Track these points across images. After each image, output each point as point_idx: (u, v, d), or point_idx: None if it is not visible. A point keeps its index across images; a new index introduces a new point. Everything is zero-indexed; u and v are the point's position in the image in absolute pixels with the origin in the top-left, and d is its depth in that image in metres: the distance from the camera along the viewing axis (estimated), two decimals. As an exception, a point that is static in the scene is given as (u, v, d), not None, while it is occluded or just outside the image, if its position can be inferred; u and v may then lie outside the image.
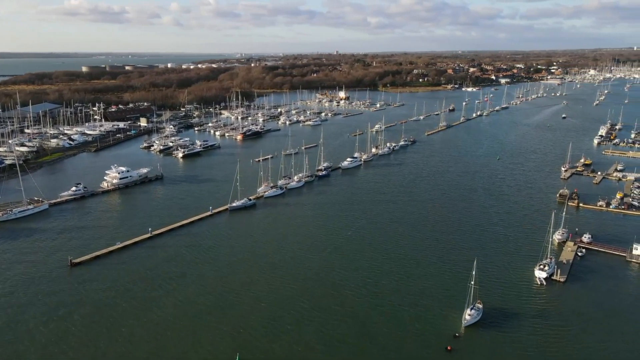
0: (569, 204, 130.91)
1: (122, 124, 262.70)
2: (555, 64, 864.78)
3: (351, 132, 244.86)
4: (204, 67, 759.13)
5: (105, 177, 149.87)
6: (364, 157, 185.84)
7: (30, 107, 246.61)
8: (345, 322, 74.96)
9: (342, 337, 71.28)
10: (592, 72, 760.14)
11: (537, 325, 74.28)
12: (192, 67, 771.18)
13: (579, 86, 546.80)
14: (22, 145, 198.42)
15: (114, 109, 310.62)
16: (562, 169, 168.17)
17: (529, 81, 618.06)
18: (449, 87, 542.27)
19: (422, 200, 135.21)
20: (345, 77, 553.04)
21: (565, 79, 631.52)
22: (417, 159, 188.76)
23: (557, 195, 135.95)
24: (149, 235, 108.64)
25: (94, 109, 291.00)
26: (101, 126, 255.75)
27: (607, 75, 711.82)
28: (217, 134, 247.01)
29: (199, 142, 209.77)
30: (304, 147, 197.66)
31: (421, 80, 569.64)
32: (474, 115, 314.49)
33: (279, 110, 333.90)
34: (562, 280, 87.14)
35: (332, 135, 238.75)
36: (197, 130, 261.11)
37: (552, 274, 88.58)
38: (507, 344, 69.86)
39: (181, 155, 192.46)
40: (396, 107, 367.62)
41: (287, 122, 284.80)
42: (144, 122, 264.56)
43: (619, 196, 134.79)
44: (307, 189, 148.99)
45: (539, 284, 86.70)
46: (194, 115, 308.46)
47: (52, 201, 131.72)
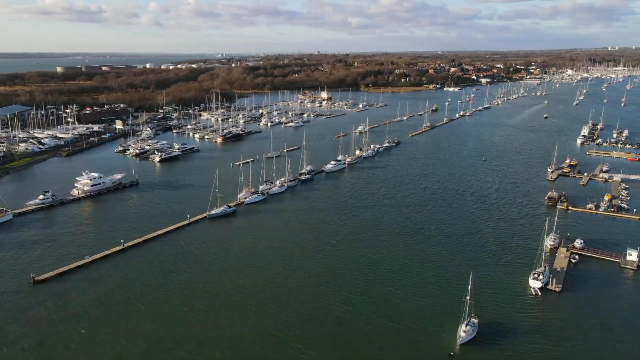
0: (558, 207, 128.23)
1: (96, 127, 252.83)
2: (533, 64, 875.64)
3: (334, 133, 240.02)
4: (184, 67, 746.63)
5: (75, 184, 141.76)
6: (348, 159, 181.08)
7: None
8: (328, 343, 69.70)
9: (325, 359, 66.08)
10: (569, 71, 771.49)
11: (535, 341, 70.14)
12: (171, 67, 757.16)
13: (557, 86, 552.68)
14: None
15: (88, 111, 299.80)
16: (548, 170, 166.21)
17: (509, 81, 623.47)
18: (431, 87, 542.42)
19: (409, 205, 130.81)
20: (327, 77, 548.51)
21: (544, 79, 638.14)
22: (402, 161, 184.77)
23: (546, 198, 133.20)
24: (121, 247, 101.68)
25: (67, 111, 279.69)
26: (74, 129, 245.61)
27: (584, 75, 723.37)
28: (197, 136, 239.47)
29: (177, 146, 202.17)
30: (286, 150, 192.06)
31: (403, 80, 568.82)
32: (457, 115, 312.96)
33: (260, 111, 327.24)
34: (557, 290, 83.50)
35: (314, 137, 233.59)
36: (176, 132, 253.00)
37: (547, 283, 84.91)
38: (505, 363, 65.60)
39: (158, 159, 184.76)
40: (379, 107, 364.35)
41: (269, 124, 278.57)
42: (119, 125, 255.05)
43: (607, 198, 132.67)
44: (289, 195, 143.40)
45: (534, 294, 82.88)
46: (173, 117, 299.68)
47: (17, 211, 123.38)
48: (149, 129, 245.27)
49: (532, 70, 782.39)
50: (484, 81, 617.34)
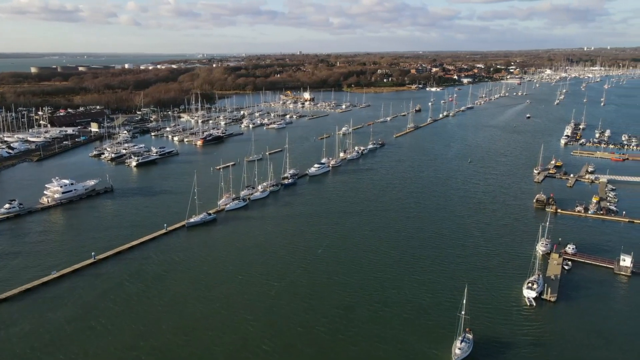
0: (547, 210, 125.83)
1: (70, 130, 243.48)
2: (513, 64, 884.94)
3: (318, 135, 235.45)
4: (164, 67, 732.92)
5: (45, 192, 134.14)
6: (332, 162, 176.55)
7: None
8: (319, 363, 64.98)
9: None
10: (548, 71, 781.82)
11: (532, 355, 66.57)
12: (150, 67, 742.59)
13: (537, 85, 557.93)
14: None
15: (62, 113, 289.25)
16: (535, 172, 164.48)
17: (490, 81, 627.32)
18: (413, 87, 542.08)
19: (396, 210, 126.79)
20: (309, 77, 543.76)
21: (524, 79, 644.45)
22: (387, 164, 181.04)
23: (534, 200, 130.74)
24: (92, 260, 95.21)
25: (40, 113, 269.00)
26: (46, 132, 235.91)
27: (563, 74, 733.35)
28: (176, 139, 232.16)
29: (154, 149, 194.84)
30: (268, 153, 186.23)
31: (385, 80, 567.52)
32: (441, 116, 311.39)
33: (242, 112, 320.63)
34: (552, 299, 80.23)
35: (297, 139, 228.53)
36: (154, 135, 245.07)
37: (541, 293, 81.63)
38: (503, 382, 61.76)
39: (135, 163, 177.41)
40: (362, 108, 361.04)
41: (251, 126, 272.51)
42: (95, 127, 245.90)
43: (595, 200, 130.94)
44: (272, 200, 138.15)
45: (529, 304, 79.42)
46: (151, 119, 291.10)
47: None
48: (125, 132, 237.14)
49: (512, 70, 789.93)
50: (465, 81, 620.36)
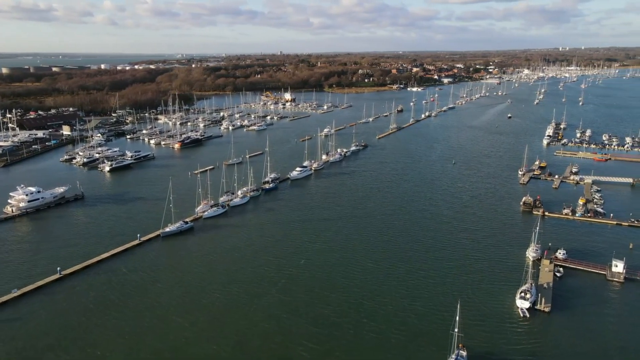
0: (534, 212, 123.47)
1: (40, 133, 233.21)
2: (491, 63, 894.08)
3: (299, 137, 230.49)
4: (141, 68, 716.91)
5: (9, 200, 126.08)
6: (314, 165, 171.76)
7: None
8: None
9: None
10: (526, 71, 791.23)
11: (529, 373, 63.04)
12: (128, 68, 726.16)
13: (517, 85, 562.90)
14: None
15: (32, 116, 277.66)
16: (519, 173, 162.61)
17: (470, 81, 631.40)
18: (395, 87, 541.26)
19: (381, 215, 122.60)
20: (290, 78, 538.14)
21: (503, 78, 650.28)
22: (371, 166, 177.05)
23: (521, 203, 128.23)
24: (57, 276, 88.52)
25: (9, 115, 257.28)
26: (15, 136, 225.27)
27: (541, 74, 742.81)
28: (152, 142, 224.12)
29: (129, 153, 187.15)
30: (248, 156, 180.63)
31: (367, 80, 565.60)
32: (423, 116, 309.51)
33: (221, 114, 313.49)
34: (546, 309, 76.96)
35: (278, 141, 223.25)
36: (130, 138, 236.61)
37: (534, 302, 78.32)
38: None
39: (108, 168, 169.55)
40: (344, 108, 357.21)
41: (230, 128, 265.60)
42: (67, 131, 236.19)
43: (581, 202, 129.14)
44: (252, 206, 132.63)
45: (522, 315, 75.98)
46: (127, 121, 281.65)
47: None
48: (99, 135, 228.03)
49: (491, 70, 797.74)
50: (446, 81, 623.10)
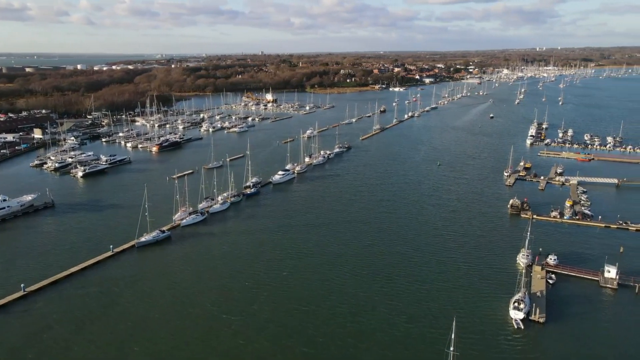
0: (522, 216, 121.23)
1: (10, 137, 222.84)
2: (471, 63, 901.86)
3: (281, 139, 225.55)
4: (119, 68, 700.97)
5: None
6: (297, 168, 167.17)
7: None
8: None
9: None
10: (505, 71, 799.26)
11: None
12: (105, 68, 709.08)
13: (497, 85, 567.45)
14: None
15: (2, 118, 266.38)
16: (505, 174, 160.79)
17: (451, 80, 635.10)
18: (377, 87, 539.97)
19: (366, 221, 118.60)
20: (271, 78, 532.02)
21: (483, 78, 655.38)
22: (355, 169, 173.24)
23: (509, 206, 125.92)
24: (21, 293, 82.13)
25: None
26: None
27: (520, 74, 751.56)
28: (129, 145, 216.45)
29: (104, 157, 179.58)
30: (228, 159, 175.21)
31: (349, 80, 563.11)
32: (406, 116, 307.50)
33: (202, 115, 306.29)
34: (541, 320, 73.91)
35: (260, 143, 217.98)
36: (105, 141, 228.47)
37: (528, 312, 75.25)
38: None
39: (81, 174, 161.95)
40: (326, 109, 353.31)
41: (211, 129, 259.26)
42: (38, 134, 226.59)
43: (568, 204, 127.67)
44: (233, 212, 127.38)
45: (516, 327, 72.79)
46: (102, 123, 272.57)
47: None
48: (73, 138, 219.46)
49: (471, 70, 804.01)
50: (427, 81, 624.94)
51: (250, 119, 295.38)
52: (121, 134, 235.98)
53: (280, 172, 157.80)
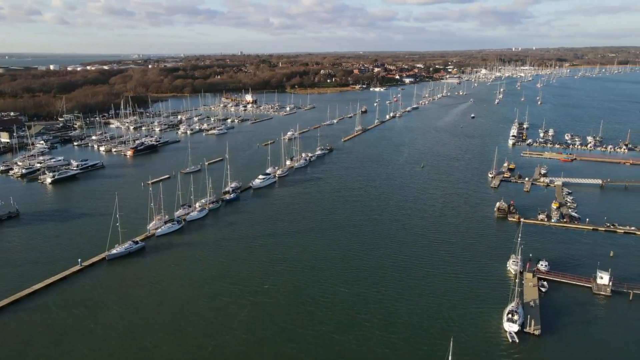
0: (509, 219, 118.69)
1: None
2: (450, 63, 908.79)
3: (261, 141, 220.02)
4: (93, 69, 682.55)
5: None
6: (278, 172, 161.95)
7: None
8: None
9: None
10: (483, 71, 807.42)
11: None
12: (79, 69, 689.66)
13: (476, 85, 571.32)
14: None
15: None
16: (489, 176, 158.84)
17: (431, 80, 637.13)
18: (357, 87, 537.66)
19: (351, 228, 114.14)
20: (251, 78, 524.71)
21: (462, 78, 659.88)
22: (338, 172, 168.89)
23: (495, 209, 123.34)
24: (-22, 315, 75.21)
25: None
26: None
27: (497, 74, 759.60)
28: (102, 149, 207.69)
29: (75, 162, 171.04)
30: (207, 163, 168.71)
31: (329, 80, 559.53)
32: (388, 117, 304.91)
33: (179, 117, 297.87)
34: (536, 332, 70.61)
35: (240, 145, 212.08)
36: (77, 145, 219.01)
37: (523, 324, 71.91)
38: None
39: (50, 180, 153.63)
40: (307, 110, 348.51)
41: (188, 132, 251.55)
42: (5, 137, 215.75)
43: (554, 206, 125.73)
44: (211, 220, 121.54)
45: (511, 341, 69.31)
46: (75, 126, 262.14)
47: None
48: (42, 142, 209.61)
49: (450, 70, 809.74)
50: (407, 81, 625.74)
51: (229, 121, 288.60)
52: (94, 137, 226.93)
53: (260, 176, 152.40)
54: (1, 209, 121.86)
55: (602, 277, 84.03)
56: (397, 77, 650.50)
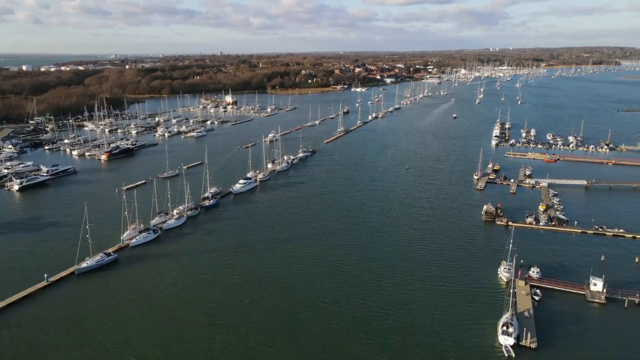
0: (497, 223, 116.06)
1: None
2: (430, 63, 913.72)
3: (242, 143, 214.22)
4: (68, 69, 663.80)
5: None
6: (260, 176, 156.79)
7: None
8: None
9: None
10: (463, 71, 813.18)
11: None
12: (53, 69, 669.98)
13: (456, 85, 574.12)
14: None
15: None
16: (475, 178, 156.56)
17: (412, 80, 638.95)
18: (338, 87, 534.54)
19: (335, 236, 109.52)
20: (231, 79, 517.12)
21: (442, 78, 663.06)
22: (320, 175, 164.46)
23: (483, 213, 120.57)
24: None
25: None
26: None
27: (477, 74, 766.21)
28: (75, 153, 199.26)
29: (45, 168, 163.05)
30: (185, 167, 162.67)
31: (310, 81, 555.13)
32: (370, 117, 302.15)
33: (157, 119, 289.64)
34: (533, 346, 67.36)
35: (219, 148, 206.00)
36: (49, 149, 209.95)
37: (518, 337, 68.61)
38: None
39: (17, 187, 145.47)
40: (288, 111, 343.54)
41: (166, 134, 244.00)
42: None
43: (542, 209, 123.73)
44: (190, 228, 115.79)
45: (507, 355, 65.92)
46: (47, 129, 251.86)
47: None
48: (11, 146, 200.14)
49: (430, 70, 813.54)
50: (388, 81, 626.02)
51: (208, 123, 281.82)
52: (66, 141, 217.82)
53: (241, 181, 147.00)
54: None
55: (595, 284, 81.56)
56: (378, 77, 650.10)
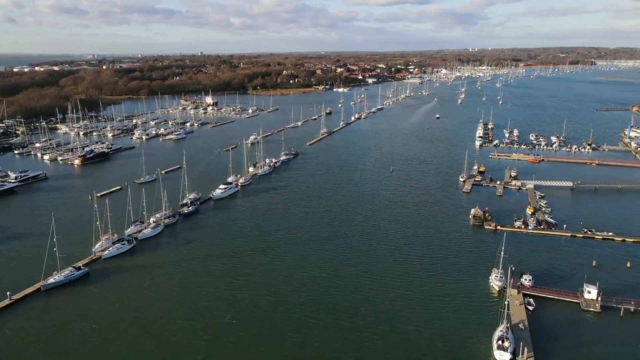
0: (486, 227, 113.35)
1: None
2: (411, 63, 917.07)
3: (222, 146, 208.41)
4: (42, 69, 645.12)
5: None
6: (241, 180, 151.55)
7: None
8: None
9: None
10: (444, 71, 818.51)
11: None
12: (26, 69, 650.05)
13: (438, 85, 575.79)
14: None
15: None
16: (461, 180, 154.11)
17: (393, 80, 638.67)
18: (320, 88, 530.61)
19: (319, 243, 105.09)
20: (211, 80, 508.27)
21: (424, 78, 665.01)
22: (304, 179, 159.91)
23: (471, 217, 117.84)
24: None
25: None
26: None
27: (457, 74, 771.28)
28: (47, 158, 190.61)
29: (13, 174, 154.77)
30: (163, 172, 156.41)
31: (292, 81, 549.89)
32: (353, 118, 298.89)
33: (134, 121, 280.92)
34: (529, 361, 64.30)
35: (199, 151, 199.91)
36: (18, 153, 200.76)
37: (514, 351, 65.33)
38: None
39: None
40: (270, 112, 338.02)
41: (144, 137, 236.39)
42: None
43: (529, 212, 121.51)
44: (167, 237, 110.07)
45: (504, 372, 62.67)
46: (17, 132, 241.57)
47: None
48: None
49: (411, 69, 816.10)
50: (370, 81, 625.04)
51: (188, 125, 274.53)
52: (38, 145, 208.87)
53: (221, 186, 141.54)
54: None
55: (589, 292, 79.01)
56: (360, 77, 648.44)
